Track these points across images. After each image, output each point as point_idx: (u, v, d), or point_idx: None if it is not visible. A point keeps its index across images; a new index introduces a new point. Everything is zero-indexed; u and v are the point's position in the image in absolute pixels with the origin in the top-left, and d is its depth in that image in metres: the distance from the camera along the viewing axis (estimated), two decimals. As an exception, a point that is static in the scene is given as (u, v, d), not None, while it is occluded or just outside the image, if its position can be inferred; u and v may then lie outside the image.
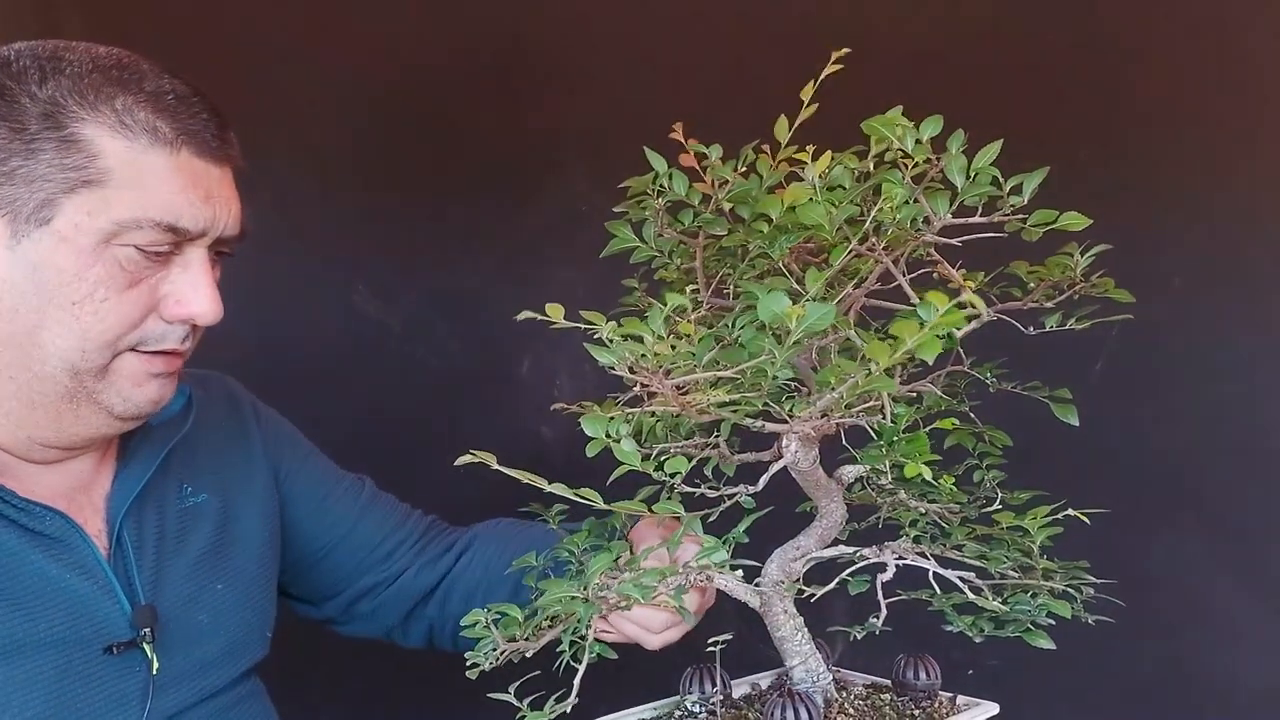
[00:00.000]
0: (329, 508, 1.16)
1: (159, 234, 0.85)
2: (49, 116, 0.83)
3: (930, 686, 0.91)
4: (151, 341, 0.89)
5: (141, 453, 0.98)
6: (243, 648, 1.03)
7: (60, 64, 0.84)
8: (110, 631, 0.90)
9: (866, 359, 0.66)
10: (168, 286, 0.88)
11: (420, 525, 1.22)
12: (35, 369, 0.86)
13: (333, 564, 1.17)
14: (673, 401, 0.71)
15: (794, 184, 0.73)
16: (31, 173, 0.82)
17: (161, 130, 0.85)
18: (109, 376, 0.88)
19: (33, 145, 0.82)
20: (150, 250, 0.85)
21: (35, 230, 0.83)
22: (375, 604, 1.19)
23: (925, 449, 0.79)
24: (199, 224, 0.87)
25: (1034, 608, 0.85)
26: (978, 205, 0.72)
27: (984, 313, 0.69)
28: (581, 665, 0.78)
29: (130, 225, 0.84)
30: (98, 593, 0.90)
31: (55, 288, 0.83)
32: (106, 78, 0.85)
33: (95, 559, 0.91)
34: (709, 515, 0.86)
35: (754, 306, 0.66)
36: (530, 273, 1.71)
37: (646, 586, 0.79)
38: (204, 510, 1.03)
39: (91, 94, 0.84)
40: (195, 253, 0.89)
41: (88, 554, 0.90)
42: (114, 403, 0.89)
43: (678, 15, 1.70)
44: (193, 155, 0.87)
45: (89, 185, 0.83)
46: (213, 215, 0.88)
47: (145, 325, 0.88)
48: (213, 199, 0.88)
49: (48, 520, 0.89)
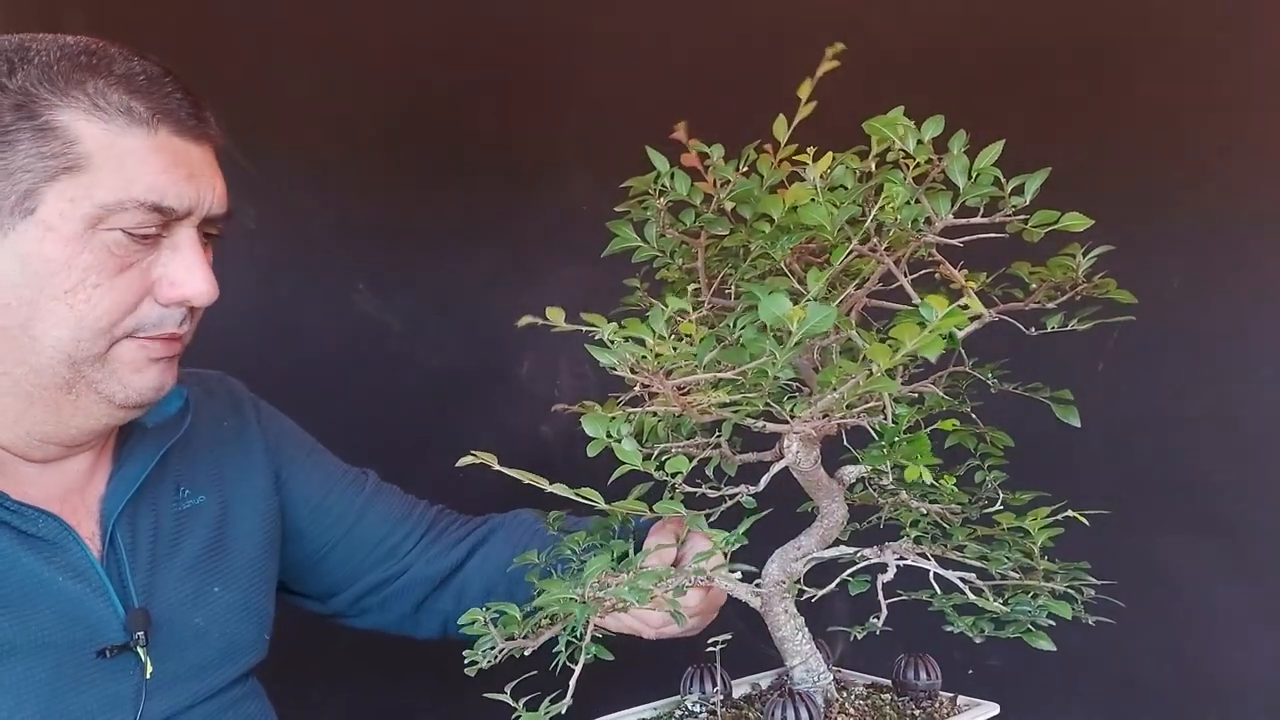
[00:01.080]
0: (330, 505, 1.16)
1: (144, 215, 0.84)
2: (21, 107, 0.82)
3: (931, 687, 0.91)
4: (149, 327, 0.88)
5: (137, 454, 0.98)
6: (240, 650, 1.03)
7: (28, 54, 0.84)
8: (103, 635, 0.90)
9: (868, 360, 0.66)
10: (160, 269, 0.88)
11: (428, 516, 1.21)
12: (31, 361, 0.85)
13: (337, 560, 1.16)
14: (674, 402, 0.71)
15: (796, 184, 0.73)
16: (10, 165, 0.82)
17: (137, 110, 0.84)
18: (109, 365, 0.87)
19: (8, 137, 0.82)
20: (138, 233, 0.85)
21: (20, 222, 0.82)
22: (383, 597, 1.18)
23: (926, 450, 0.79)
24: (184, 203, 0.86)
25: (1034, 609, 0.85)
26: (979, 206, 0.72)
27: (985, 314, 0.69)
28: (577, 666, 0.78)
29: (115, 208, 0.83)
30: (90, 596, 0.90)
31: (46, 278, 0.83)
32: (75, 64, 0.84)
33: (88, 562, 0.90)
34: (710, 515, 0.86)
35: (755, 307, 0.66)
36: (530, 273, 1.70)
37: (642, 589, 0.79)
38: (201, 512, 1.02)
39: (62, 80, 0.83)
40: (184, 233, 0.88)
41: (80, 557, 0.90)
42: (115, 391, 0.88)
43: (678, 15, 1.70)
44: (171, 134, 0.86)
45: (69, 172, 0.82)
46: (197, 194, 0.87)
47: (141, 310, 0.87)
48: (195, 177, 0.87)
49: (40, 523, 0.88)
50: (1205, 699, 1.67)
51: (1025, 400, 0.88)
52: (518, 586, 1.11)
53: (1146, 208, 1.62)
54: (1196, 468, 1.65)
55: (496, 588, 1.14)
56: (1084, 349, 1.58)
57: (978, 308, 0.69)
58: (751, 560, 0.89)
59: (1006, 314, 0.80)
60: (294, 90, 1.67)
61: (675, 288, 0.86)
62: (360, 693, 1.73)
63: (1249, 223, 1.63)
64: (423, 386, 1.73)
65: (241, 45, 1.66)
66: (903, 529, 0.91)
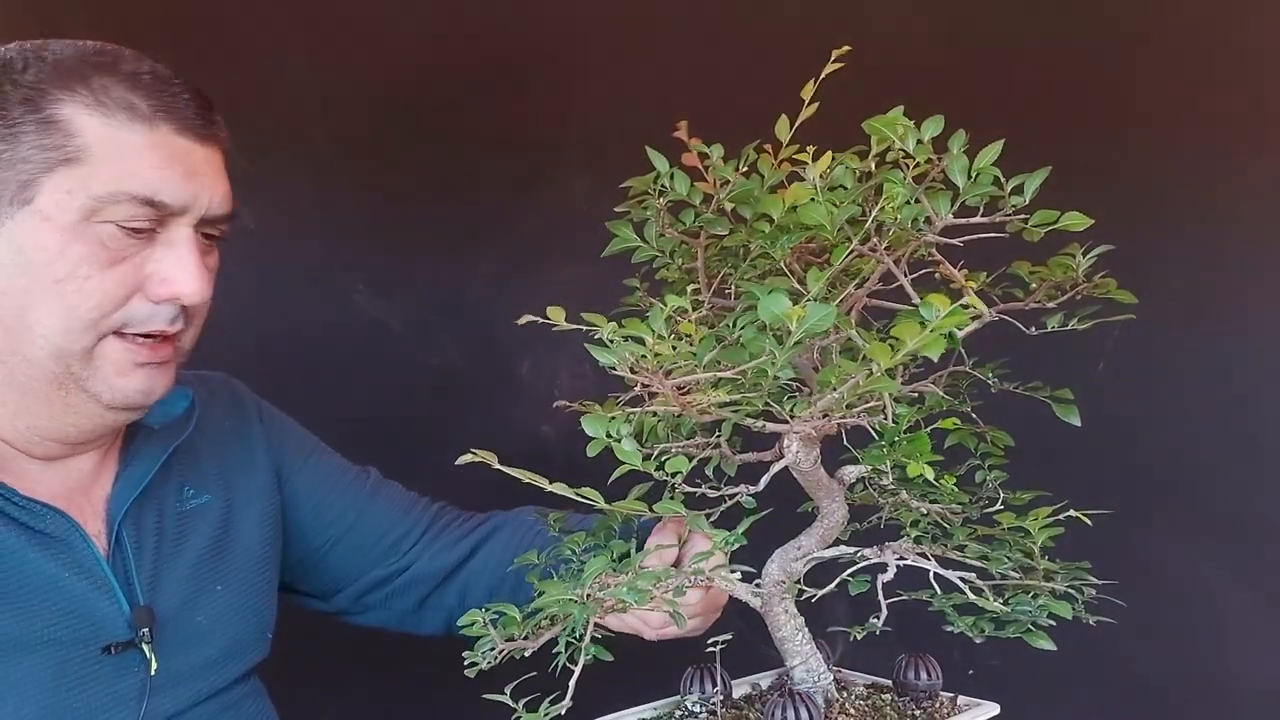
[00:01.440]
0: (332, 503, 1.16)
1: (137, 208, 0.85)
2: (29, 101, 0.83)
3: (931, 687, 0.90)
4: (137, 323, 0.88)
5: (143, 454, 0.98)
6: (242, 649, 1.03)
7: (43, 53, 0.86)
8: (108, 631, 0.90)
9: (868, 359, 0.66)
10: (152, 265, 0.88)
11: (429, 512, 1.21)
12: (25, 352, 0.86)
13: (339, 558, 1.16)
14: (674, 402, 0.71)
15: (795, 184, 0.73)
16: (14, 156, 0.83)
17: (138, 106, 0.85)
18: (94, 361, 0.87)
19: (14, 130, 0.83)
20: (131, 226, 0.85)
21: (19, 211, 0.84)
22: (386, 593, 1.18)
23: (927, 449, 0.79)
24: (178, 199, 0.87)
25: (1035, 608, 0.85)
26: (979, 205, 0.72)
27: (986, 313, 0.69)
28: (577, 667, 0.78)
29: (108, 200, 0.84)
30: (96, 593, 0.90)
31: (39, 267, 0.84)
32: (85, 62, 0.86)
33: (95, 559, 0.91)
34: (711, 515, 0.86)
35: (755, 306, 0.66)
36: (530, 273, 1.70)
37: (641, 590, 0.79)
38: (205, 512, 1.02)
39: (69, 76, 0.84)
40: (180, 231, 0.88)
41: (87, 554, 0.90)
42: (101, 391, 0.89)
43: (678, 15, 1.70)
44: (173, 132, 0.87)
45: (68, 163, 0.83)
46: (195, 192, 0.87)
47: (131, 305, 0.87)
48: (195, 176, 0.88)
49: (48, 519, 0.89)
50: (1206, 699, 1.67)
51: (1025, 400, 0.88)
52: (521, 584, 1.11)
53: (1146, 207, 1.62)
54: (1197, 468, 1.65)
55: (502, 585, 1.14)
56: (1084, 349, 1.58)
57: (979, 307, 0.69)
58: (751, 560, 0.89)
59: (1006, 314, 0.80)
60: (294, 90, 1.67)
61: (675, 287, 0.86)
62: (361, 694, 1.73)
63: (1249, 222, 1.63)
64: (422, 387, 1.72)
65: (242, 45, 1.66)
66: (903, 529, 0.91)
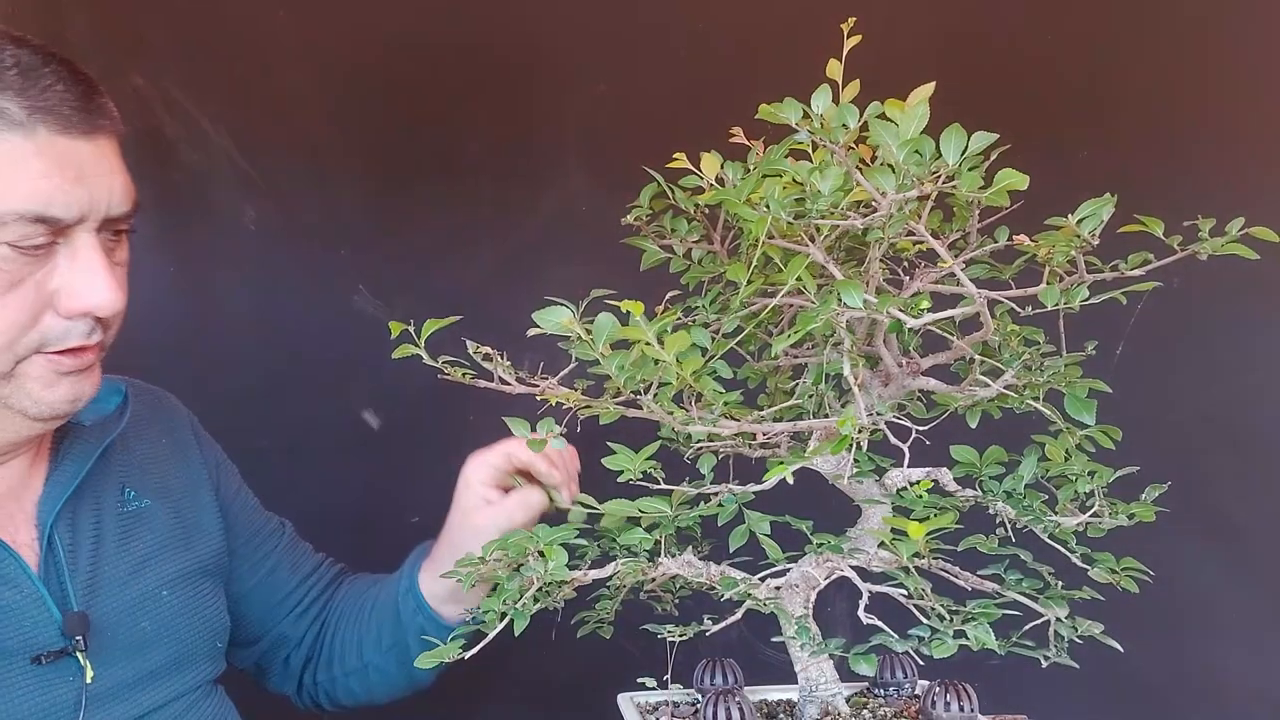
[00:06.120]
0: (258, 544, 1.11)
1: (28, 227, 0.77)
2: None
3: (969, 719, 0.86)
4: (54, 341, 0.82)
5: (74, 453, 0.93)
6: (191, 659, 0.98)
7: None
8: (39, 641, 0.85)
9: None
10: (58, 280, 0.81)
11: (328, 574, 1.17)
12: None
13: (250, 605, 1.11)
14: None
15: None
16: None
17: (10, 112, 0.76)
18: (16, 380, 0.82)
19: None
20: (24, 245, 0.77)
21: None
22: (286, 655, 1.15)
23: None
24: (72, 210, 0.79)
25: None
26: (922, 178, 0.69)
27: (977, 295, 0.69)
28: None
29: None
30: (24, 602, 0.86)
31: None
32: None
33: (20, 571, 0.86)
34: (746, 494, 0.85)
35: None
36: (530, 273, 1.70)
37: None
38: (148, 515, 0.98)
39: None
40: (82, 239, 0.81)
41: (12, 566, 0.86)
42: (26, 406, 0.84)
43: (678, 15, 1.70)
44: (53, 134, 0.78)
45: None
46: (89, 197, 0.79)
47: (43, 324, 0.81)
48: (85, 179, 0.79)
49: None
50: (1206, 699, 1.67)
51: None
52: (366, 638, 1.11)
53: (1145, 207, 1.61)
54: (1198, 468, 1.65)
55: (362, 623, 1.12)
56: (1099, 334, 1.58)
57: (970, 290, 0.69)
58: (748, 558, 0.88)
59: (1008, 298, 0.78)
60: (294, 90, 1.67)
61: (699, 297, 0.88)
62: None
63: (1249, 222, 1.63)
64: (422, 387, 1.72)
65: (242, 45, 1.66)
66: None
